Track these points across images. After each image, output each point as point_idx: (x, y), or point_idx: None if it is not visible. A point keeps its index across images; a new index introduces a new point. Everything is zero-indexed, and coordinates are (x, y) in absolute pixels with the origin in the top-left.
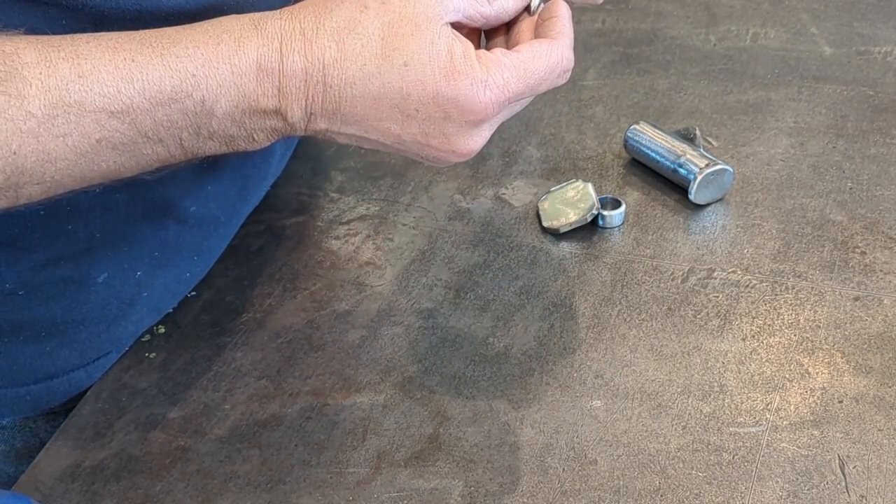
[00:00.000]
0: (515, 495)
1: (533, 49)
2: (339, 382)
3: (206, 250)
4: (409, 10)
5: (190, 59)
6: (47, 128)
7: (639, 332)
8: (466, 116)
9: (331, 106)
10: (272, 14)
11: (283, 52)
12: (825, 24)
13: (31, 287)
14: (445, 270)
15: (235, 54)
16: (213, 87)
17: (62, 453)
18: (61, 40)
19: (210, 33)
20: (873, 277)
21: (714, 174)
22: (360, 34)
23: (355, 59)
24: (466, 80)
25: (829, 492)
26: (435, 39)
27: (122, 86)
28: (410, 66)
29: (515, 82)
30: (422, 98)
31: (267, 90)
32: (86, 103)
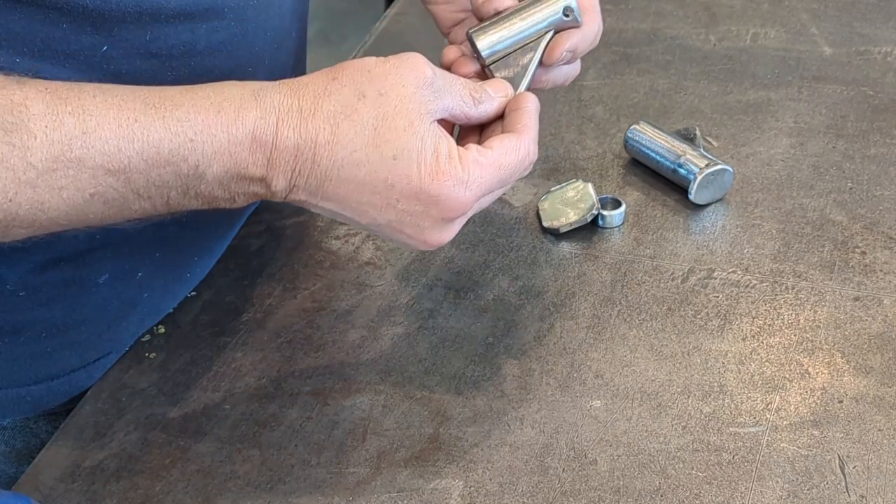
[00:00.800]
0: (515, 495)
1: (504, 146)
2: (339, 382)
3: (207, 251)
4: (404, 105)
5: (190, 125)
6: (45, 180)
7: (639, 332)
8: (444, 213)
9: (315, 182)
10: (273, 87)
11: (278, 126)
12: (825, 24)
13: (32, 288)
14: (445, 270)
15: (234, 123)
16: (208, 152)
17: (62, 453)
18: (69, 91)
19: (212, 100)
20: (873, 277)
21: (714, 174)
22: (355, 121)
23: (347, 144)
24: (450, 180)
25: (829, 492)
26: (425, 137)
27: (122, 145)
28: (399, 160)
29: (490, 179)
30: (405, 191)
31: (258, 160)
32: (86, 159)
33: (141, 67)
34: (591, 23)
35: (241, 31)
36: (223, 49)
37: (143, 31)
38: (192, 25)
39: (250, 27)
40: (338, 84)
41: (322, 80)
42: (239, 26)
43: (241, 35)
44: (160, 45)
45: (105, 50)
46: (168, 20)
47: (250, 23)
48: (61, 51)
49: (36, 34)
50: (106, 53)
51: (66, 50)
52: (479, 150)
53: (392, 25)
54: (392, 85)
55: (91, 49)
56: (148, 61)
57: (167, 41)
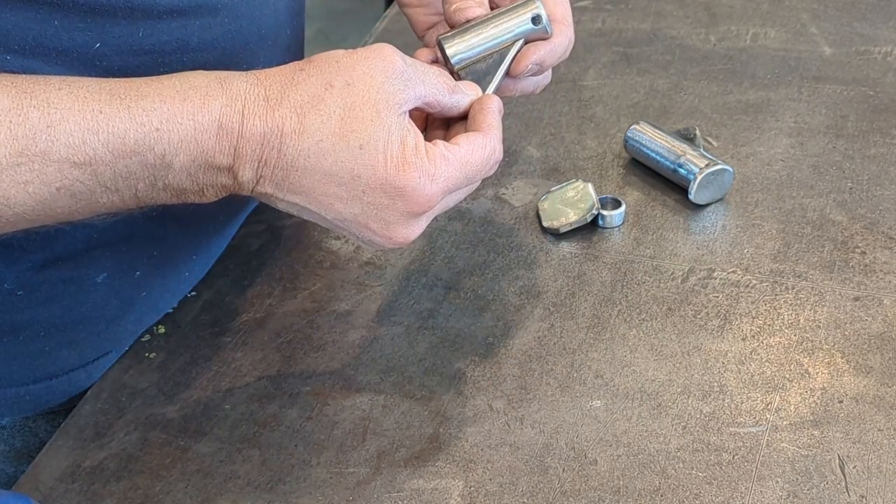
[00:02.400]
0: (515, 495)
1: (470, 142)
2: (339, 382)
3: (206, 250)
4: (371, 94)
5: (156, 113)
6: (10, 174)
7: (639, 332)
8: (410, 207)
9: (281, 173)
10: (239, 75)
11: (244, 114)
12: (825, 24)
13: (31, 287)
14: (445, 270)
15: (199, 111)
16: (174, 141)
17: (62, 453)
18: (34, 85)
19: (177, 88)
20: (873, 277)
21: (714, 174)
22: (322, 111)
23: (313, 133)
24: (416, 172)
25: (829, 492)
26: (392, 128)
27: (87, 137)
28: (365, 150)
29: (457, 174)
30: (370, 182)
31: (224, 148)
32: (51, 153)
33: (133, 64)
34: (561, 35)
35: (234, 28)
36: (217, 46)
37: (136, 28)
38: (185, 22)
39: (244, 24)
40: (305, 74)
41: (290, 70)
42: (232, 23)
43: (234, 32)
44: (153, 41)
45: (97, 47)
46: (161, 16)
47: (244, 20)
48: (53, 48)
49: (28, 31)
50: (98, 50)
51: (58, 47)
52: (446, 145)
53: (392, 25)
54: (360, 75)
55: (83, 46)
56: (140, 58)
57: (160, 38)
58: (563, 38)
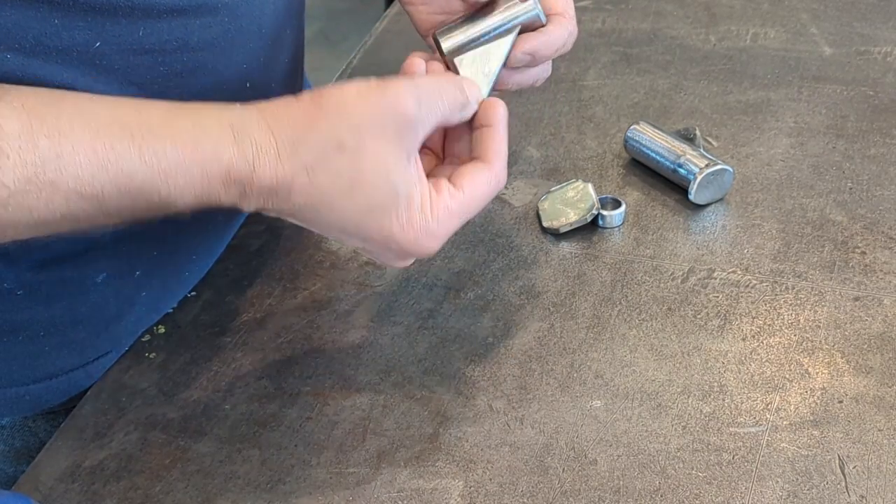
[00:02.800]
0: (515, 495)
1: (475, 182)
2: (339, 382)
3: (206, 250)
4: (381, 157)
5: (165, 158)
6: (17, 199)
7: (639, 332)
8: (409, 255)
9: (286, 212)
10: (252, 120)
11: (255, 166)
12: (825, 24)
13: (30, 287)
14: (445, 270)
15: (209, 161)
16: (180, 184)
17: (62, 453)
18: (46, 110)
19: (190, 132)
20: (873, 277)
21: (714, 174)
22: (332, 172)
23: (323, 191)
24: (419, 232)
25: (829, 492)
26: (400, 189)
27: (96, 172)
28: (373, 212)
29: (458, 222)
30: (374, 236)
31: (231, 193)
32: (59, 183)
33: (134, 63)
34: (559, 27)
35: (234, 28)
36: (217, 45)
37: (136, 27)
38: (186, 21)
39: (244, 23)
40: (316, 131)
41: (302, 120)
42: (232, 22)
43: (234, 31)
44: (153, 40)
45: (97, 46)
46: (161, 16)
47: (244, 19)
48: (53, 46)
49: (28, 30)
50: (98, 49)
51: (59, 46)
52: (451, 192)
53: (392, 25)
54: (372, 132)
55: (83, 45)
56: (141, 57)
57: (160, 37)
58: (560, 30)
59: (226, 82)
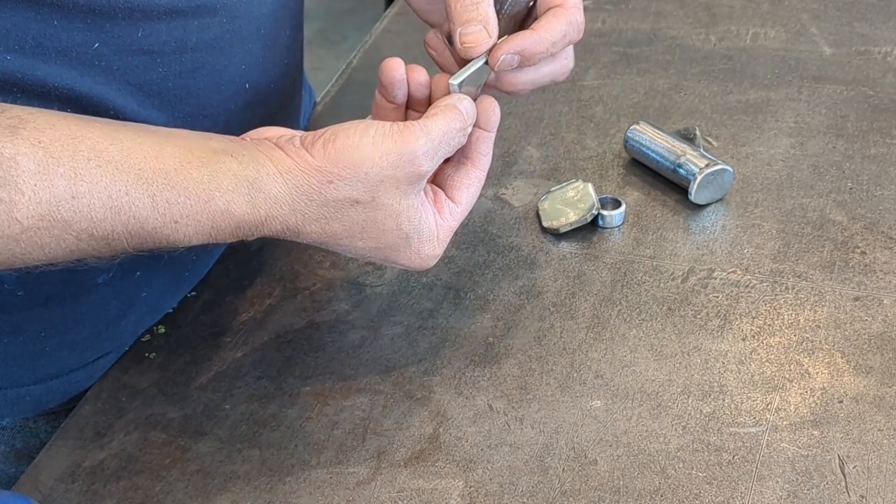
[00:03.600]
0: (515, 495)
1: (470, 194)
2: (339, 382)
3: (206, 250)
4: (394, 206)
5: (178, 208)
6: (29, 236)
7: (639, 332)
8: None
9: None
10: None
11: (266, 221)
12: (825, 24)
13: (30, 288)
14: (445, 270)
15: (221, 216)
16: (190, 233)
17: (62, 453)
18: (62, 150)
19: (205, 187)
20: (873, 277)
21: (714, 174)
22: (345, 222)
23: (333, 235)
24: (423, 256)
25: (829, 492)
26: (410, 232)
27: (109, 215)
28: (381, 249)
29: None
30: (381, 258)
31: (238, 237)
32: (72, 223)
33: (132, 64)
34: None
35: (233, 28)
36: (215, 46)
37: (135, 28)
38: (184, 22)
39: (242, 24)
40: (332, 189)
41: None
42: (231, 23)
43: (233, 32)
44: (152, 41)
45: (97, 47)
46: (160, 16)
47: (242, 20)
48: (53, 48)
49: (27, 31)
50: (97, 50)
51: (58, 47)
52: (451, 212)
53: (392, 25)
54: (386, 188)
55: (82, 46)
56: (139, 58)
57: (159, 37)
58: (556, 22)
59: (225, 83)
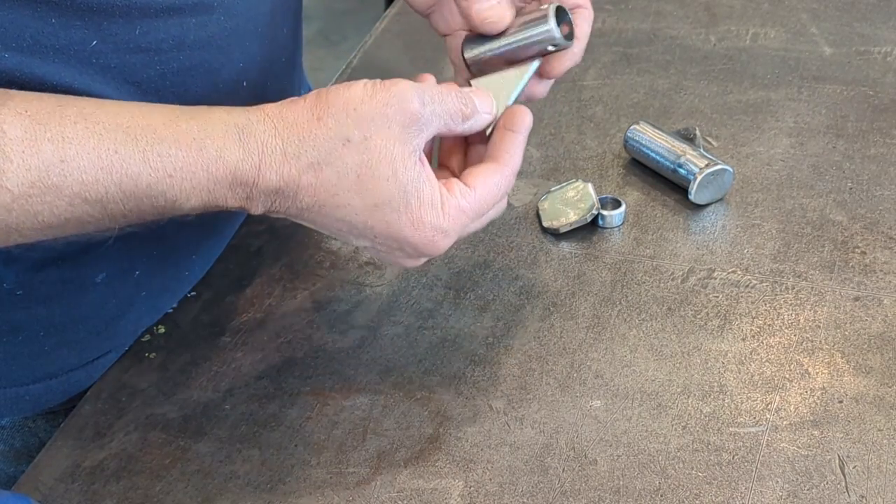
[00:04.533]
0: (515, 495)
1: (487, 184)
2: (339, 382)
3: (205, 249)
4: (388, 151)
5: (170, 160)
6: (21, 204)
7: (639, 332)
8: (419, 254)
9: (294, 212)
10: (258, 121)
11: (261, 168)
12: (825, 24)
13: (30, 287)
14: (445, 270)
15: (215, 164)
16: (186, 188)
17: (62, 453)
18: (49, 116)
19: (195, 135)
20: (873, 277)
21: (714, 174)
22: (339, 168)
23: (329, 188)
24: (430, 230)
25: (829, 492)
26: (408, 185)
27: (101, 175)
28: (381, 208)
29: (468, 223)
30: (384, 233)
31: (237, 195)
32: (63, 187)
33: (130, 61)
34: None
35: (231, 26)
36: (213, 44)
37: (133, 26)
38: (181, 20)
39: (240, 22)
40: (323, 126)
41: (307, 118)
42: (228, 21)
43: (231, 30)
44: (149, 39)
45: (94, 44)
46: (157, 14)
47: (240, 18)
48: (50, 45)
49: (25, 29)
50: (95, 48)
51: (56, 45)
52: (462, 191)
53: (392, 25)
54: (378, 127)
55: (80, 43)
56: (137, 55)
57: (156, 35)
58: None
59: (222, 81)
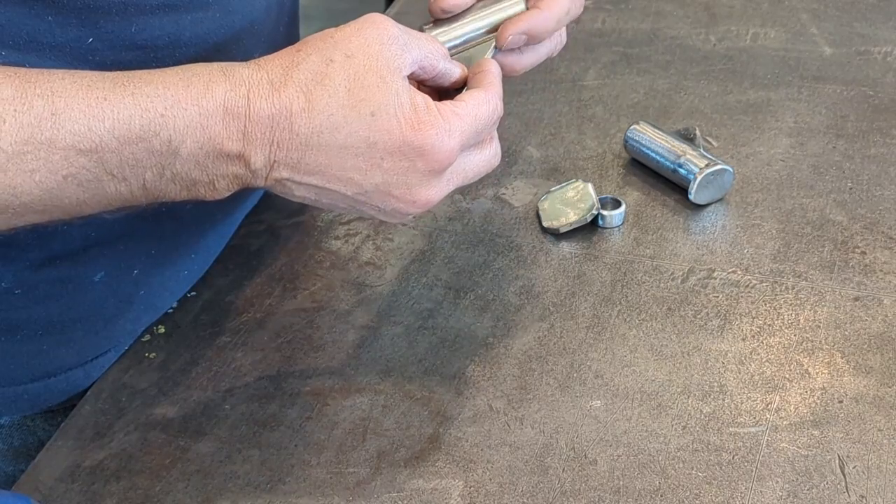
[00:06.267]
0: (515, 495)
1: (474, 98)
2: (339, 382)
3: (204, 248)
4: (373, 62)
5: (160, 99)
6: (16, 163)
7: (639, 332)
8: (431, 164)
9: (296, 154)
10: (240, 64)
11: (250, 97)
12: (825, 24)
13: (28, 286)
14: (445, 270)
15: (203, 97)
16: (180, 126)
17: (62, 453)
18: (38, 75)
19: (180, 76)
20: (873, 277)
21: (714, 174)
22: (327, 86)
23: (323, 109)
24: (432, 129)
25: (829, 492)
26: (399, 91)
27: (93, 124)
28: (377, 116)
29: (469, 128)
30: (388, 147)
31: (232, 133)
32: (56, 140)
33: (126, 59)
34: (552, 5)
35: (226, 23)
36: (209, 41)
37: (129, 23)
38: (177, 16)
39: (236, 19)
40: (303, 54)
41: (287, 53)
42: (224, 18)
43: (226, 27)
44: (145, 36)
45: (90, 42)
46: (153, 11)
47: (236, 15)
48: (47, 43)
49: (21, 27)
50: (91, 45)
51: (52, 42)
52: (453, 103)
53: None
54: (358, 45)
55: (76, 41)
56: (133, 53)
57: (152, 32)
58: (554, 7)
59: None
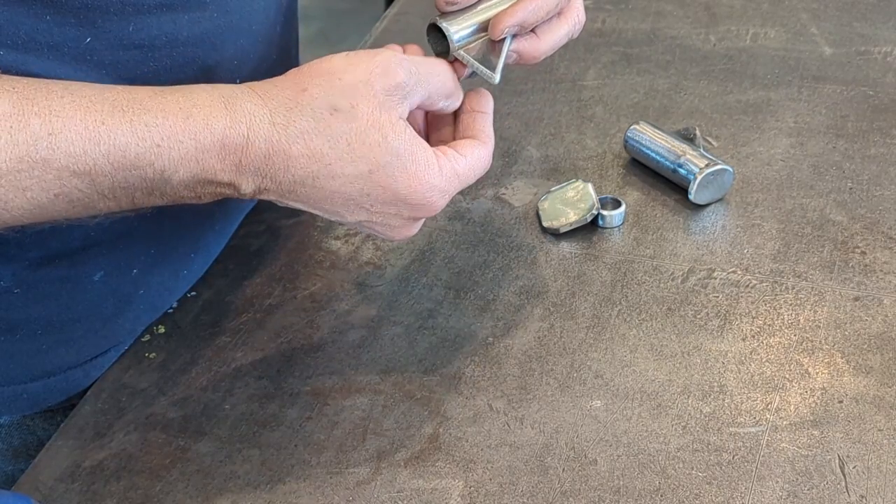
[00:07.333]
0: (515, 495)
1: (476, 155)
2: (339, 382)
3: (203, 247)
4: (375, 116)
5: (157, 130)
6: (9, 180)
7: (639, 332)
8: (418, 214)
9: (287, 188)
10: (243, 93)
11: (249, 135)
12: (825, 24)
13: (27, 285)
14: (445, 270)
15: (202, 131)
16: (174, 158)
17: (62, 453)
18: (36, 92)
19: (181, 104)
20: (873, 277)
21: (714, 174)
22: (329, 136)
23: (321, 158)
24: (426, 188)
25: (829, 492)
26: (400, 149)
27: (88, 147)
28: (375, 173)
29: (459, 186)
30: (381, 199)
31: (226, 166)
32: (51, 161)
33: (124, 58)
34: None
35: (224, 23)
36: (206, 41)
37: (127, 23)
38: (175, 16)
39: (234, 19)
40: (308, 97)
41: (293, 91)
42: (222, 18)
43: (224, 27)
44: (143, 35)
45: (88, 42)
46: (151, 11)
47: (234, 15)
48: (45, 43)
49: (20, 26)
50: (89, 45)
51: (50, 42)
52: (455, 157)
53: (392, 25)
54: (363, 95)
55: (75, 41)
56: (131, 52)
57: (150, 32)
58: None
59: (216, 78)
